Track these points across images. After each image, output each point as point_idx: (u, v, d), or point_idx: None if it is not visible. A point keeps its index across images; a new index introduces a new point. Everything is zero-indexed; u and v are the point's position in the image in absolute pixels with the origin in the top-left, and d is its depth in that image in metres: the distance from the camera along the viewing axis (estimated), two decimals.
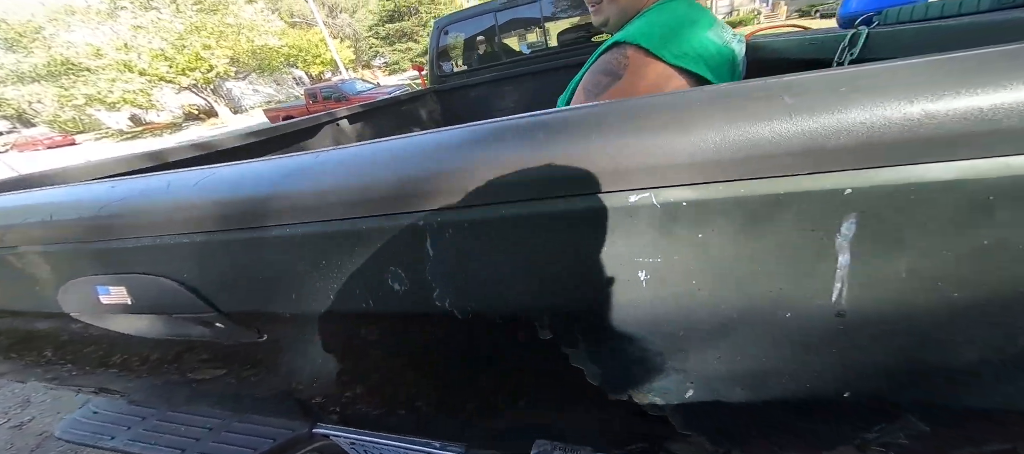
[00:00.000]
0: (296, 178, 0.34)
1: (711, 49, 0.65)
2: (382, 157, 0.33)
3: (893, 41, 0.45)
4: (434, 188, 0.29)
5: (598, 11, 0.77)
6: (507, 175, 0.26)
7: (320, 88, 10.33)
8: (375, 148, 0.34)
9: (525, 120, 0.30)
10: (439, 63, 2.85)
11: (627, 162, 0.24)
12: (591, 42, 2.63)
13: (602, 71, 0.67)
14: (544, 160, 0.26)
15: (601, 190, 0.25)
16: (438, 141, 0.32)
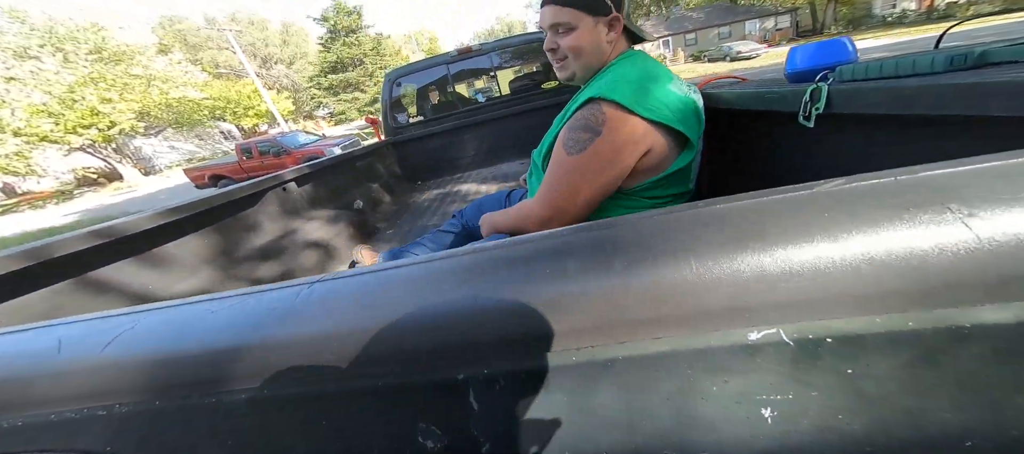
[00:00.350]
0: (276, 323, 0.25)
1: (677, 102, 0.68)
2: (412, 283, 0.25)
3: (857, 98, 0.47)
4: (490, 333, 0.22)
5: (563, 67, 0.79)
6: (567, 316, 0.21)
7: (256, 142, 8.91)
8: (401, 273, 0.26)
9: (585, 234, 0.24)
10: (393, 114, 2.75)
11: (747, 298, 0.20)
12: (541, 89, 2.79)
13: (581, 128, 0.68)
14: (630, 294, 0.21)
15: (705, 330, 0.21)
16: (478, 264, 0.25)
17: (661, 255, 0.21)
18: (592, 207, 0.73)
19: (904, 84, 0.39)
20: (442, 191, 2.41)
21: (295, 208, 1.54)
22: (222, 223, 1.21)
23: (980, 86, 0.32)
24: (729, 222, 0.21)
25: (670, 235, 0.22)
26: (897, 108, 0.40)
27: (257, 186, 1.31)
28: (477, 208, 1.27)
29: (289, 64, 35.36)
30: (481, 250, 0.26)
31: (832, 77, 0.50)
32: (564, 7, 0.73)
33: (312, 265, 1.41)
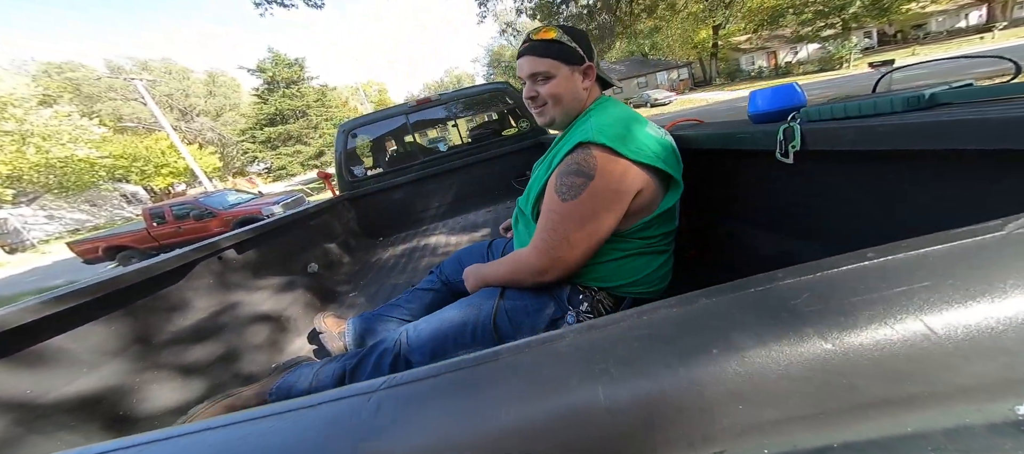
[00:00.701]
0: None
1: (656, 144, 0.72)
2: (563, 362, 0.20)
3: (833, 136, 0.51)
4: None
5: (543, 113, 0.82)
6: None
7: (171, 205, 7.45)
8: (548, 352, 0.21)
9: (741, 293, 0.21)
10: (349, 167, 2.62)
11: (1018, 365, 0.16)
12: (502, 136, 2.86)
13: (574, 173, 0.69)
14: (854, 368, 0.16)
15: (957, 404, 0.17)
16: (607, 341, 0.21)
17: (888, 316, 0.16)
18: (590, 253, 0.71)
19: (874, 123, 0.45)
20: (408, 246, 2.25)
21: (235, 279, 1.31)
22: (135, 305, 0.96)
23: (944, 124, 0.38)
24: (978, 263, 0.17)
25: (887, 286, 0.18)
26: (871, 144, 0.45)
27: (184, 257, 1.09)
28: (457, 261, 1.20)
29: (215, 116, 32.58)
30: (615, 323, 0.21)
31: (797, 117, 0.57)
32: (542, 57, 0.77)
33: (260, 341, 1.16)
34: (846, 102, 0.51)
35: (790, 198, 0.70)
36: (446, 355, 0.83)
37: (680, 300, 0.22)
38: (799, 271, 0.20)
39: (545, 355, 0.20)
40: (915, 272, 0.18)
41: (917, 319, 0.16)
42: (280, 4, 5.94)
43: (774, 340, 0.17)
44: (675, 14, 10.42)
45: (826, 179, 0.59)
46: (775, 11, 18.98)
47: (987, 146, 0.35)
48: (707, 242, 0.97)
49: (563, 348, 0.20)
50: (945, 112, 0.40)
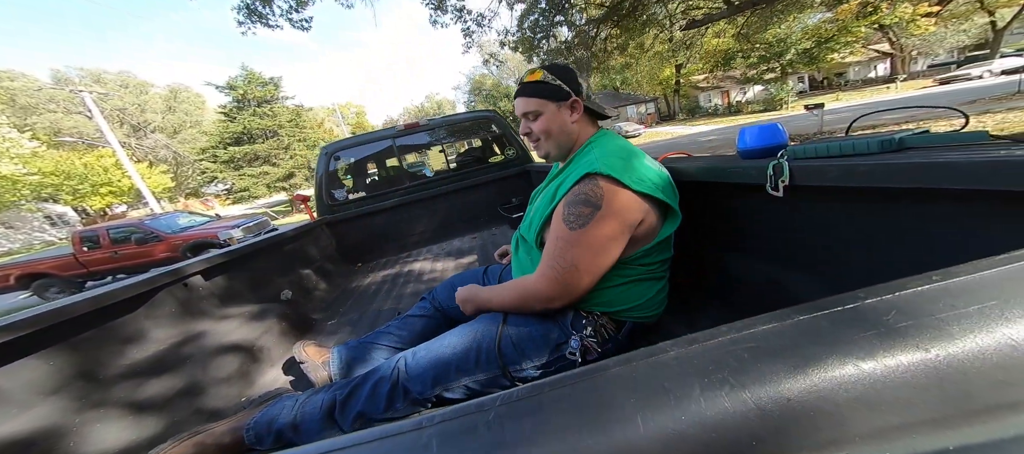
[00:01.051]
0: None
1: (656, 176, 0.76)
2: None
3: (820, 173, 0.56)
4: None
5: (539, 147, 0.88)
6: None
7: (108, 227, 6.59)
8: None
9: (833, 311, 0.22)
10: (329, 191, 2.54)
11: None
12: (488, 163, 2.90)
13: (582, 203, 0.71)
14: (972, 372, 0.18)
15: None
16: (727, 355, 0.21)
17: (975, 329, 0.18)
18: (597, 280, 0.72)
19: (856, 162, 0.51)
20: (390, 272, 2.17)
21: (202, 307, 1.19)
22: (82, 338, 0.85)
23: (917, 165, 0.44)
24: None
25: (962, 304, 0.20)
26: (854, 182, 0.51)
27: (147, 284, 0.98)
28: (450, 288, 1.17)
29: (173, 133, 30.51)
30: (713, 337, 0.21)
31: (783, 153, 0.63)
32: (531, 97, 0.83)
33: (229, 374, 1.04)
34: (828, 142, 0.57)
35: (778, 230, 0.75)
36: (448, 382, 0.79)
37: (772, 315, 0.22)
38: (878, 291, 0.22)
39: (656, 367, 0.21)
40: (983, 291, 0.20)
41: (1001, 331, 0.18)
42: (264, 24, 5.85)
43: (882, 352, 0.19)
44: (644, 52, 11.49)
45: (813, 213, 0.65)
46: (726, 54, 21.48)
47: (954, 186, 0.41)
48: (697, 270, 1.02)
49: (671, 361, 0.21)
50: (915, 154, 0.47)
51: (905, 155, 0.48)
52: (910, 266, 0.52)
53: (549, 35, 8.43)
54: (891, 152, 0.51)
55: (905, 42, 21.19)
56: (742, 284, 0.87)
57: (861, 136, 0.57)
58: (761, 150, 0.71)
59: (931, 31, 18.63)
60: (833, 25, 18.52)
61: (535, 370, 0.79)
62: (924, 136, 0.50)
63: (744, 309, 0.83)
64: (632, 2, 7.00)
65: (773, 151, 0.69)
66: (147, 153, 27.60)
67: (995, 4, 17.65)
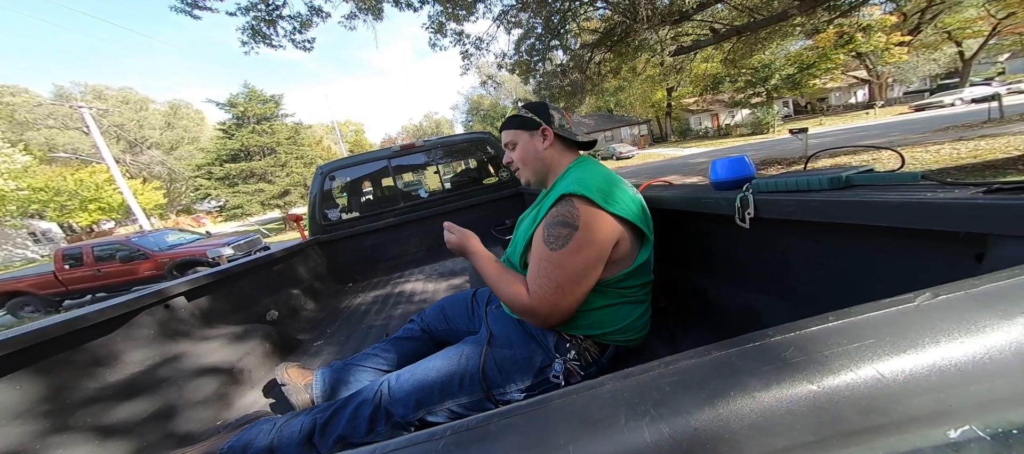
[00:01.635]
0: None
1: (631, 201, 0.79)
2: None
3: (779, 207, 0.61)
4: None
5: (519, 175, 0.95)
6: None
7: (93, 245, 6.48)
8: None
9: (745, 346, 0.25)
10: (324, 210, 2.55)
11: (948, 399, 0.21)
12: (483, 184, 2.94)
13: (560, 224, 0.74)
14: (842, 405, 0.21)
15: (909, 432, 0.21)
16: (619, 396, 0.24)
17: (852, 364, 0.21)
18: (579, 300, 0.75)
19: (809, 198, 0.55)
20: (381, 292, 2.15)
21: (182, 328, 1.18)
22: (52, 361, 0.84)
23: (856, 204, 0.49)
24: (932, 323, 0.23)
25: (847, 341, 0.23)
26: (808, 216, 0.55)
27: (125, 306, 0.97)
28: (440, 311, 1.17)
29: (169, 149, 30.54)
30: (646, 371, 0.24)
31: (751, 188, 0.67)
32: (507, 130, 0.93)
33: (205, 397, 1.02)
34: (786, 177, 0.62)
35: (749, 258, 0.79)
36: (432, 406, 0.78)
37: (698, 352, 0.26)
38: (783, 330, 0.26)
39: (592, 399, 0.24)
40: (863, 331, 0.24)
41: (871, 367, 0.22)
42: (268, 44, 6.02)
43: (776, 384, 0.22)
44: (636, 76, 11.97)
45: (776, 243, 0.69)
46: (715, 78, 22.42)
47: (888, 224, 0.46)
48: (679, 294, 1.05)
49: (606, 394, 0.24)
50: (859, 192, 0.52)
51: (850, 192, 0.53)
52: (860, 293, 0.56)
53: (545, 58, 8.77)
54: (839, 189, 0.55)
55: (881, 70, 22.37)
56: (720, 308, 0.90)
57: (815, 171, 0.61)
58: (731, 182, 0.76)
59: (904, 60, 19.73)
60: (813, 52, 19.55)
61: (519, 393, 0.79)
62: (868, 175, 0.54)
63: (723, 331, 0.86)
64: (624, 28, 7.37)
65: (741, 183, 0.73)
66: (141, 169, 27.49)
67: (961, 35, 18.83)
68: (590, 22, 8.90)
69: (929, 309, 0.24)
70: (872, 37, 17.27)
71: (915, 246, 0.48)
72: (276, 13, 5.72)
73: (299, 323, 1.77)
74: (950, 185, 0.45)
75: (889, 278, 0.52)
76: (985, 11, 16.68)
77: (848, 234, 0.55)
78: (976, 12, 16.90)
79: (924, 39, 19.84)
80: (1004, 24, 16.65)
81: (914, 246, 0.48)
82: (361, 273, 2.57)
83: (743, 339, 0.25)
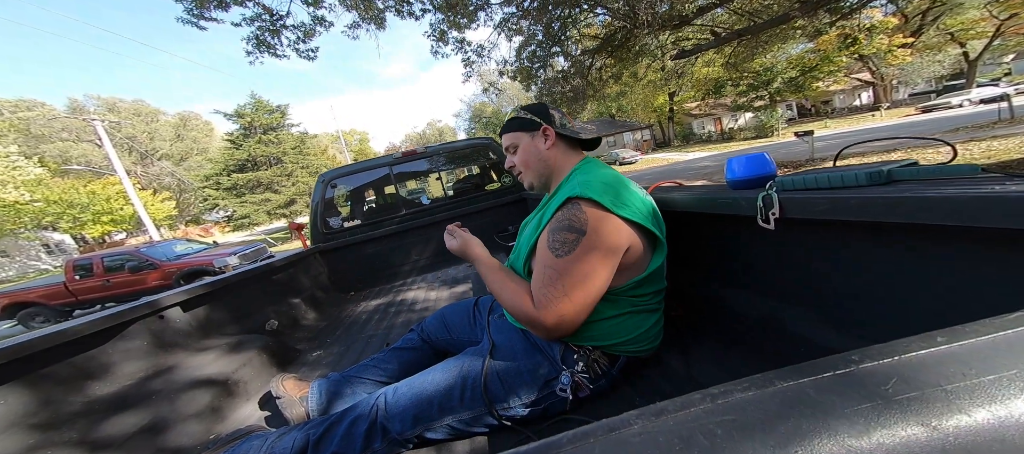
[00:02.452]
0: None
1: (641, 204, 0.74)
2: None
3: (810, 205, 0.54)
4: None
5: (522, 178, 0.91)
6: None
7: (102, 256, 6.58)
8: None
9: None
10: (325, 219, 2.52)
11: None
12: (485, 190, 2.88)
13: (565, 229, 0.70)
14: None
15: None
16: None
17: (991, 403, 0.15)
18: (588, 309, 0.70)
19: (845, 195, 0.49)
20: (383, 301, 2.11)
21: (177, 340, 1.15)
22: (41, 374, 0.81)
23: (906, 199, 0.42)
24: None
25: (975, 373, 0.17)
26: (843, 215, 0.49)
27: (118, 317, 0.94)
28: (440, 320, 1.13)
29: (179, 161, 31.17)
30: (685, 408, 0.18)
31: (774, 186, 0.62)
32: (507, 133, 0.89)
33: (198, 410, 0.98)
34: (817, 173, 0.56)
35: (772, 262, 0.73)
36: (431, 422, 0.74)
37: (752, 381, 0.20)
38: (873, 354, 0.19)
39: (616, 447, 0.18)
40: (998, 358, 0.18)
41: (1020, 406, 0.16)
42: (272, 54, 6.13)
43: (877, 429, 0.16)
44: (637, 81, 11.99)
45: (804, 245, 0.63)
46: (717, 82, 22.40)
47: (945, 222, 0.39)
48: (691, 302, 0.99)
49: (634, 438, 0.18)
50: (905, 188, 0.45)
51: (895, 188, 0.46)
52: (904, 304, 0.49)
53: (546, 65, 8.82)
54: (880, 184, 0.49)
55: (884, 71, 22.21)
56: (739, 318, 0.84)
57: (849, 167, 0.55)
58: (750, 180, 0.70)
59: (908, 61, 19.57)
60: (815, 55, 19.49)
61: (524, 408, 0.74)
62: (913, 169, 0.49)
63: (742, 343, 0.79)
64: (624, 34, 7.40)
65: (762, 181, 0.68)
66: (152, 181, 28.04)
67: (965, 36, 18.67)
68: (591, 28, 8.96)
69: None
70: (875, 39, 17.18)
71: (977, 249, 0.41)
72: (280, 23, 5.84)
73: (299, 333, 1.74)
74: (1019, 178, 0.38)
75: (943, 288, 0.45)
76: (987, 12, 16.53)
77: (893, 235, 0.49)
78: (978, 13, 16.74)
79: (927, 41, 19.70)
80: (1008, 25, 16.48)
81: (975, 249, 0.41)
82: (363, 281, 2.54)
83: (815, 365, 0.19)
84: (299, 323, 1.82)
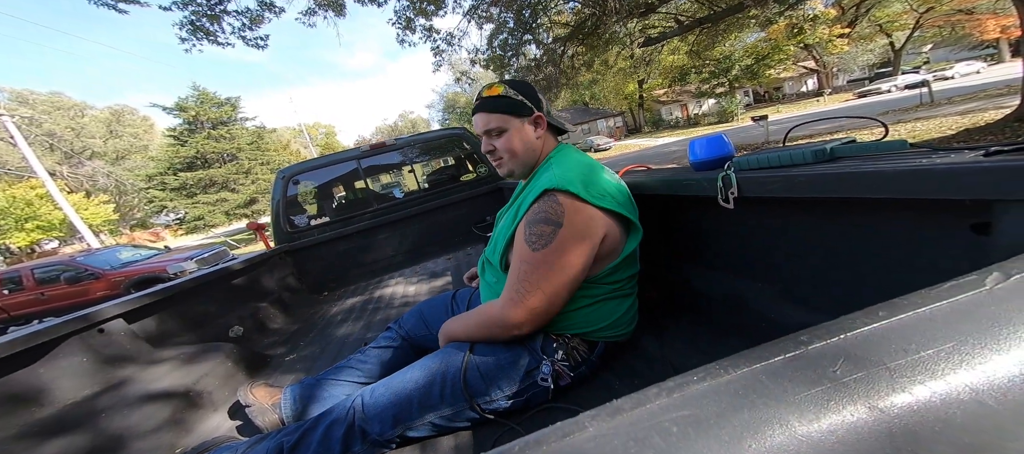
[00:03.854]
0: None
1: (615, 190, 0.76)
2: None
3: (763, 184, 0.56)
4: None
5: (501, 165, 0.85)
6: None
7: (33, 267, 5.93)
8: None
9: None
10: (288, 217, 2.39)
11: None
12: (460, 182, 2.83)
13: (542, 221, 0.70)
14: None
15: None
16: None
17: (932, 378, 0.15)
18: (565, 301, 0.71)
19: (794, 173, 0.52)
20: (359, 299, 2.04)
21: (123, 354, 1.06)
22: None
23: (846, 175, 0.45)
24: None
25: (915, 347, 0.17)
26: (794, 192, 0.52)
27: (42, 335, 0.85)
28: (418, 315, 1.10)
29: (115, 160, 27.90)
30: (642, 404, 0.18)
31: (732, 166, 0.65)
32: (493, 113, 0.80)
33: (159, 424, 0.92)
34: (768, 152, 0.60)
35: (733, 241, 0.77)
36: (411, 420, 0.73)
37: (706, 371, 0.19)
38: (821, 333, 0.20)
39: (568, 451, 0.17)
40: (934, 330, 0.18)
41: (962, 382, 0.16)
42: (213, 42, 5.53)
43: (827, 414, 0.16)
44: (608, 69, 12.19)
45: (762, 223, 0.66)
46: (682, 70, 23.28)
47: (881, 195, 0.43)
48: (663, 284, 1.03)
49: (586, 443, 0.17)
50: (845, 164, 0.49)
51: (837, 165, 0.50)
52: (851, 273, 0.52)
53: (518, 53, 8.70)
54: (824, 161, 0.53)
55: (826, 60, 24.08)
56: (707, 296, 0.88)
57: (796, 146, 0.60)
58: (711, 162, 0.74)
59: (845, 51, 21.31)
60: (767, 43, 20.73)
61: (506, 400, 0.74)
62: (851, 146, 0.53)
63: (713, 322, 0.83)
64: (594, 21, 7.44)
65: (721, 162, 0.72)
66: (83, 182, 24.92)
67: (891, 27, 20.58)
68: (561, 16, 8.93)
69: (1008, 294, 0.18)
70: (817, 29, 18.50)
71: (909, 218, 0.44)
72: (219, 8, 5.27)
73: (268, 338, 1.65)
74: (943, 151, 0.41)
75: (885, 256, 0.48)
76: (908, 6, 18.26)
77: (838, 209, 0.53)
78: (901, 6, 18.46)
79: (860, 31, 21.50)
80: (925, 17, 18.31)
81: (908, 218, 0.45)
82: (336, 281, 2.43)
83: (769, 348, 0.19)
84: (267, 328, 1.72)
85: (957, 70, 19.15)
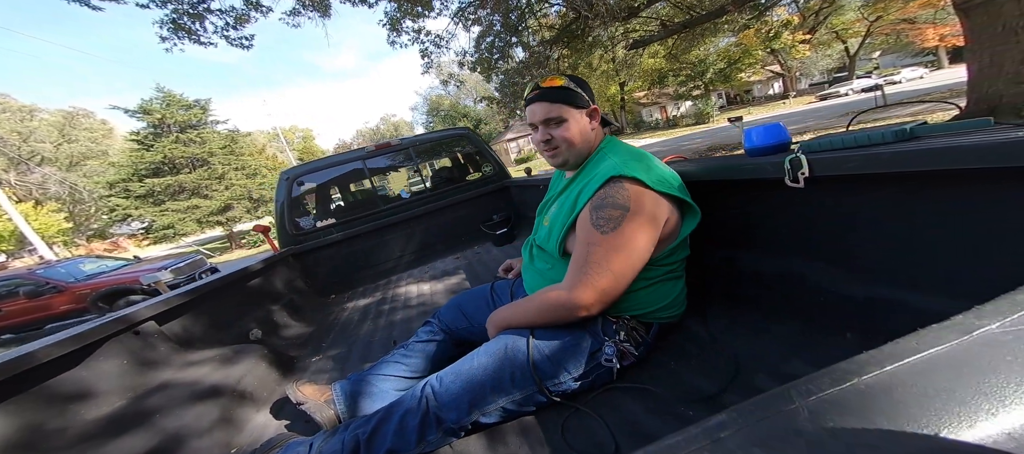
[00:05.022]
0: None
1: (672, 177, 0.80)
2: None
3: (840, 163, 0.58)
4: None
5: (556, 155, 0.87)
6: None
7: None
8: None
9: None
10: (294, 220, 2.36)
11: None
12: (467, 181, 2.83)
13: (611, 206, 0.72)
14: None
15: None
16: None
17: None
18: (629, 283, 0.74)
19: (876, 152, 0.54)
20: (372, 300, 2.02)
21: (161, 355, 1.05)
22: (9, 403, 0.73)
23: (943, 149, 0.46)
24: None
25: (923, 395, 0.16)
26: (875, 168, 0.54)
27: (85, 337, 0.84)
28: (456, 308, 1.12)
29: (69, 166, 25.78)
30: None
31: (796, 147, 0.68)
32: (554, 103, 0.83)
33: (210, 423, 0.91)
34: (842, 136, 0.63)
35: (795, 221, 0.79)
36: (485, 405, 0.74)
37: (679, 441, 0.18)
38: (801, 389, 0.18)
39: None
40: (925, 376, 0.17)
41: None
42: (195, 41, 5.25)
43: None
44: (592, 71, 12.48)
45: (831, 201, 0.69)
46: (660, 73, 24.12)
47: (975, 165, 0.44)
48: (708, 267, 1.06)
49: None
50: (932, 141, 0.51)
51: (922, 142, 0.52)
52: (925, 252, 0.54)
53: (506, 56, 8.76)
54: (904, 140, 0.56)
55: (791, 64, 25.66)
56: (753, 278, 0.92)
57: (873, 128, 0.62)
58: (768, 148, 0.78)
59: (807, 56, 22.78)
60: (738, 48, 21.87)
61: (573, 381, 0.76)
62: (931, 126, 0.56)
63: (753, 302, 0.88)
64: (578, 25, 7.62)
65: (779, 148, 0.76)
66: (33, 190, 22.86)
67: (846, 35, 22.23)
68: (547, 18, 9.07)
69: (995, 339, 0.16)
70: (782, 35, 19.72)
71: (996, 192, 0.44)
72: (202, 6, 5.03)
73: (285, 341, 1.60)
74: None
75: (964, 231, 0.49)
76: (860, 14, 19.78)
77: (919, 186, 0.53)
78: (854, 15, 19.98)
79: (819, 38, 23.08)
80: (875, 26, 19.90)
81: (995, 192, 0.45)
82: (343, 284, 2.38)
83: (743, 409, 0.18)
84: (282, 331, 1.67)
85: (904, 75, 20.87)
